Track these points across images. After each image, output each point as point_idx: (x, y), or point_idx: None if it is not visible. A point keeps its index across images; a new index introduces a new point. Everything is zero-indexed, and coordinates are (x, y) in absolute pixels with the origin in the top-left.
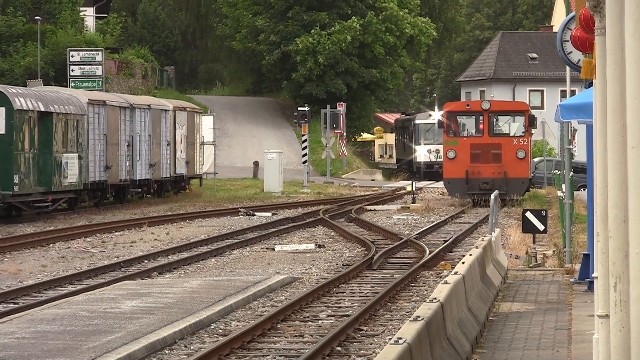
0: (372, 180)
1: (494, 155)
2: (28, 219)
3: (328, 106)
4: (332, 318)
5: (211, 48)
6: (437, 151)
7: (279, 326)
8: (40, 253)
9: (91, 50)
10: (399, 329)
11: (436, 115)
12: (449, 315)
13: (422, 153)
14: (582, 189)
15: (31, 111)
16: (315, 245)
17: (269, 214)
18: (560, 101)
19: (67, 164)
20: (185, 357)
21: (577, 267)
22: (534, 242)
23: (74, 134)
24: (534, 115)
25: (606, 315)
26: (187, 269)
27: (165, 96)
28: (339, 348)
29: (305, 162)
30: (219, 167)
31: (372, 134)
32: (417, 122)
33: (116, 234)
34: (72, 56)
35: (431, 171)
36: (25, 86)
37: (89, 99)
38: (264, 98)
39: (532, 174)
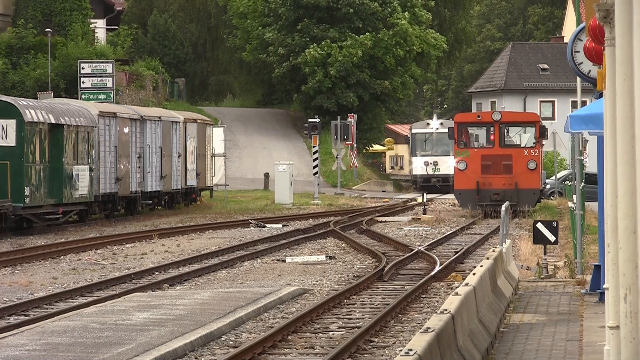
0: (383, 191)
1: (505, 166)
2: (39, 231)
3: (339, 117)
4: (343, 329)
5: (222, 60)
6: (435, 163)
7: (289, 338)
8: (51, 265)
9: (102, 62)
10: (409, 341)
11: (434, 124)
12: (460, 326)
13: (419, 165)
14: None
15: (42, 123)
16: (326, 256)
17: (280, 225)
18: (571, 112)
19: (77, 176)
20: None
21: (588, 278)
22: (545, 253)
23: (84, 146)
24: (544, 126)
25: (617, 326)
26: (198, 280)
27: (176, 108)
28: None
29: (315, 173)
30: (229, 179)
31: (383, 145)
32: (413, 131)
33: (127, 245)
34: (82, 68)
35: (428, 185)
36: (36, 98)
37: (99, 111)
38: (275, 109)
39: (543, 186)
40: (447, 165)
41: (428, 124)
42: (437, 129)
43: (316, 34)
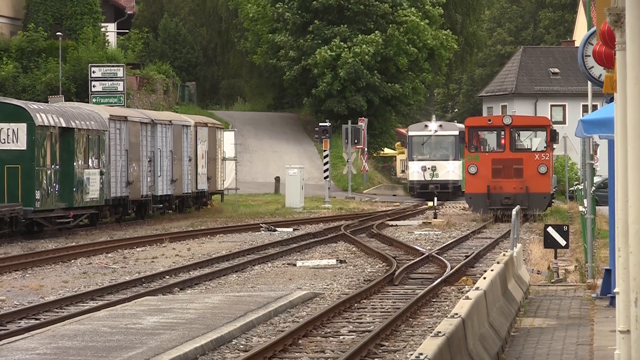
0: (394, 195)
1: (516, 171)
2: (50, 235)
3: (349, 121)
4: (354, 334)
5: (232, 63)
6: (433, 168)
7: (300, 342)
8: (62, 269)
9: (112, 66)
10: (420, 345)
11: (433, 126)
12: (471, 330)
13: (415, 170)
14: None
15: (52, 127)
16: (337, 260)
17: (290, 229)
18: (582, 116)
19: (88, 179)
20: None
21: (599, 282)
22: (555, 258)
23: (95, 150)
24: (555, 130)
25: (627, 330)
26: (209, 284)
27: (187, 112)
28: None
29: (326, 177)
30: (240, 183)
31: (394, 149)
32: (410, 133)
33: (138, 249)
34: (93, 72)
35: (426, 192)
36: (47, 102)
37: (110, 115)
38: (285, 113)
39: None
40: (446, 170)
41: (426, 125)
42: (436, 131)
43: (327, 35)
